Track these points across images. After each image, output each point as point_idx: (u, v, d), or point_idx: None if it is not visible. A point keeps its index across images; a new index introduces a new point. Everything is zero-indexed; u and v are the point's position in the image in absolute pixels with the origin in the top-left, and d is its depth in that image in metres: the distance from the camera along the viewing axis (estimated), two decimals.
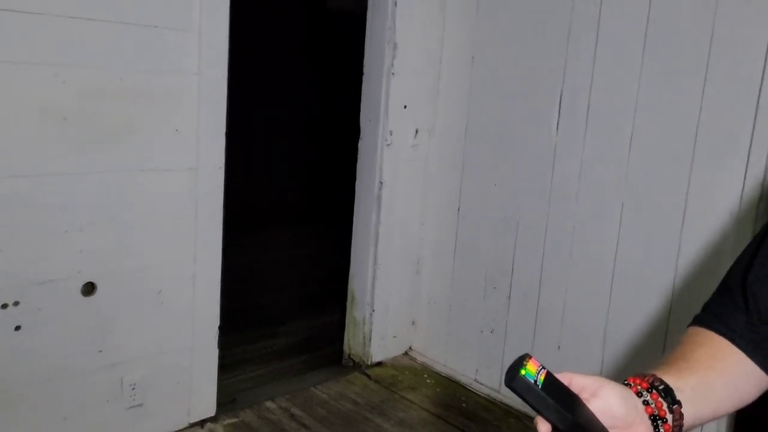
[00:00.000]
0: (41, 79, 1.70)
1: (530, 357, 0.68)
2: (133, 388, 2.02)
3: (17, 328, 1.76)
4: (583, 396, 0.70)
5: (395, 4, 2.51)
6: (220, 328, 2.22)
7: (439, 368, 2.76)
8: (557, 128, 2.29)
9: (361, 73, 2.65)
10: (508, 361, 0.68)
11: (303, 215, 4.97)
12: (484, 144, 2.55)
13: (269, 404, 2.40)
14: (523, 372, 0.65)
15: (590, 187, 2.21)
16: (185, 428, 2.18)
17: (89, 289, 1.89)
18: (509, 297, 2.50)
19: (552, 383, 0.67)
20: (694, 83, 1.92)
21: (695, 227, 1.96)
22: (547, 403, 0.65)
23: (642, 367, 0.79)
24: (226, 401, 2.35)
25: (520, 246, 2.45)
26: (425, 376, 2.73)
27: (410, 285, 2.82)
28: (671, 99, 1.99)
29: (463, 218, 2.66)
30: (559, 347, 2.33)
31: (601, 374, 2.15)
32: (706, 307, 0.88)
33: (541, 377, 0.66)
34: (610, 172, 2.15)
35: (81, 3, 1.73)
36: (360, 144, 2.69)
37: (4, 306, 1.73)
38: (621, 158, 2.11)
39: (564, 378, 0.70)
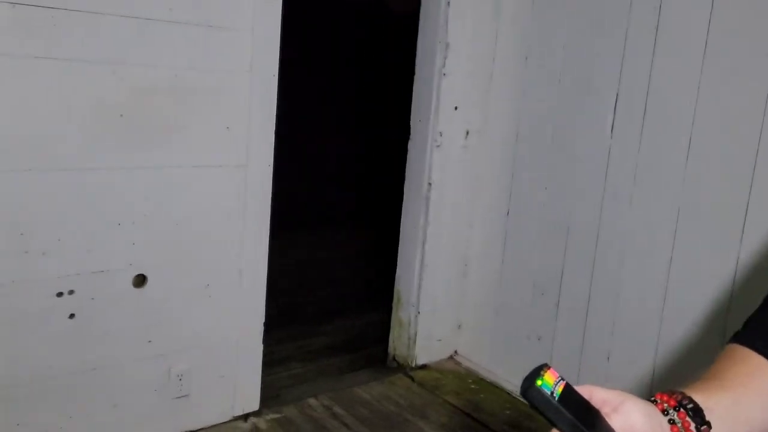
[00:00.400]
0: (99, 77, 1.75)
1: (549, 367, 0.65)
2: (180, 379, 2.06)
3: (71, 316, 1.82)
4: (604, 411, 0.66)
5: (448, 3, 2.48)
6: (265, 324, 2.24)
7: (483, 373, 2.72)
8: (612, 131, 2.23)
9: (413, 74, 2.65)
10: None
11: (350, 215, 5.00)
12: (536, 146, 2.50)
13: (312, 401, 2.41)
14: (539, 382, 0.62)
15: (645, 192, 2.14)
16: (229, 421, 2.22)
17: (141, 280, 1.93)
18: (557, 304, 2.44)
19: (570, 396, 0.63)
20: (757, 88, 1.84)
21: (756, 235, 1.87)
22: (563, 416, 0.61)
23: (695, 380, 0.75)
24: (270, 397, 2.37)
25: (570, 251, 2.40)
26: (469, 381, 2.69)
27: (457, 287, 2.79)
28: (732, 103, 1.91)
29: (512, 221, 2.62)
30: (608, 357, 2.27)
31: (651, 386, 2.10)
32: (748, 323, 0.83)
33: (559, 389, 0.63)
34: (667, 177, 2.07)
35: (138, 3, 1.77)
36: (409, 145, 2.68)
37: (60, 294, 1.79)
38: (678, 162, 2.03)
39: (584, 391, 0.66)
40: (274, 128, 2.11)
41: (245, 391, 2.24)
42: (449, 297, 2.78)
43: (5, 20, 1.58)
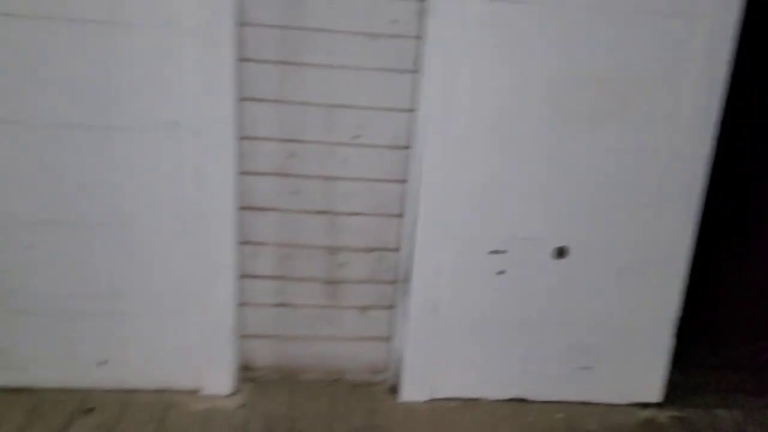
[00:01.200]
0: (553, 62, 1.95)
1: None
2: (586, 352, 2.19)
3: (500, 272, 2.12)
4: None
5: None
6: (681, 319, 2.18)
7: None
8: None
9: None
10: None
11: None
12: None
13: (721, 412, 2.25)
14: None
15: None
16: (626, 405, 2.25)
17: (561, 252, 2.11)
18: None
19: None
20: None
21: None
22: None
23: None
24: (675, 395, 2.30)
25: None
26: None
27: None
28: None
29: None
30: None
31: None
32: None
33: None
34: None
35: None
36: None
37: (493, 252, 2.10)
38: None
39: None
40: (717, 118, 2.01)
41: (644, 380, 2.24)
42: None
43: (483, 14, 1.90)
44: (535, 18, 1.90)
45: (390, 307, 2.23)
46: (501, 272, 2.11)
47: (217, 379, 2.14)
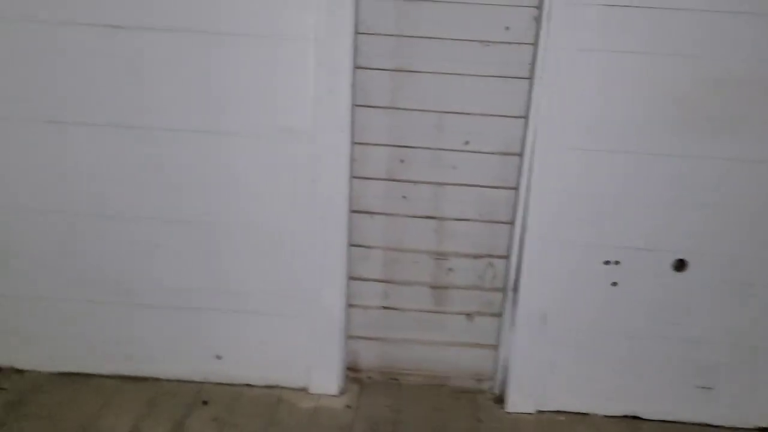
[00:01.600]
0: (671, 68, 1.88)
1: None
2: (707, 370, 2.08)
3: (614, 284, 2.05)
4: None
5: None
6: None
7: None
8: None
9: None
10: None
11: None
12: None
13: None
14: None
15: None
16: (750, 429, 2.12)
17: (680, 265, 2.02)
18: None
19: None
20: None
21: None
22: None
23: None
24: None
25: None
26: None
27: None
28: None
29: None
30: None
31: None
32: None
33: None
34: None
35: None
36: None
37: (607, 262, 2.04)
38: None
39: None
40: None
41: None
42: None
43: (599, 20, 1.86)
44: (656, 22, 1.84)
45: (497, 314, 2.21)
46: (614, 283, 2.05)
47: (324, 378, 2.20)
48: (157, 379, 2.22)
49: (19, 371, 2.22)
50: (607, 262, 2.04)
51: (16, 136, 2.01)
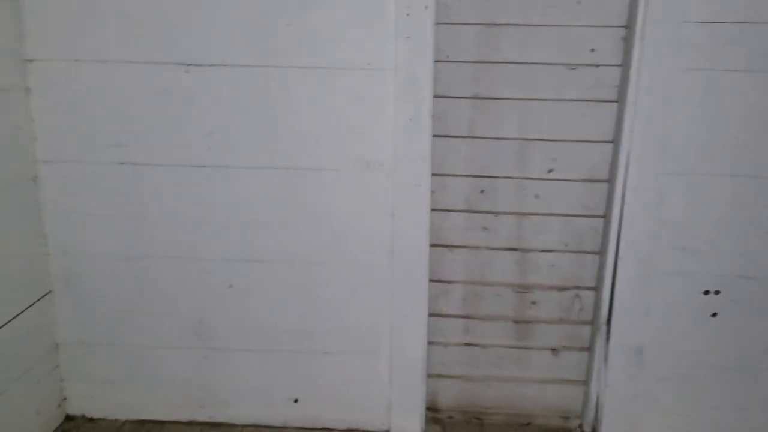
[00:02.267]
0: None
1: None
2: None
3: (714, 314, 1.94)
4: None
5: None
6: None
7: None
8: None
9: None
10: None
11: None
12: None
13: None
14: None
15: None
16: None
17: None
18: None
19: None
20: None
21: None
22: None
23: None
24: None
25: None
26: None
27: None
28: None
29: None
30: None
31: None
32: None
33: None
34: None
35: None
36: None
37: (706, 293, 1.93)
38: None
39: None
40: None
41: None
42: None
43: (694, 34, 1.77)
44: (763, 38, 1.75)
45: (585, 348, 2.11)
46: (714, 314, 1.94)
47: (406, 419, 2.10)
48: (233, 425, 2.13)
49: (90, 419, 2.15)
50: (706, 292, 1.93)
51: (89, 180, 1.96)
